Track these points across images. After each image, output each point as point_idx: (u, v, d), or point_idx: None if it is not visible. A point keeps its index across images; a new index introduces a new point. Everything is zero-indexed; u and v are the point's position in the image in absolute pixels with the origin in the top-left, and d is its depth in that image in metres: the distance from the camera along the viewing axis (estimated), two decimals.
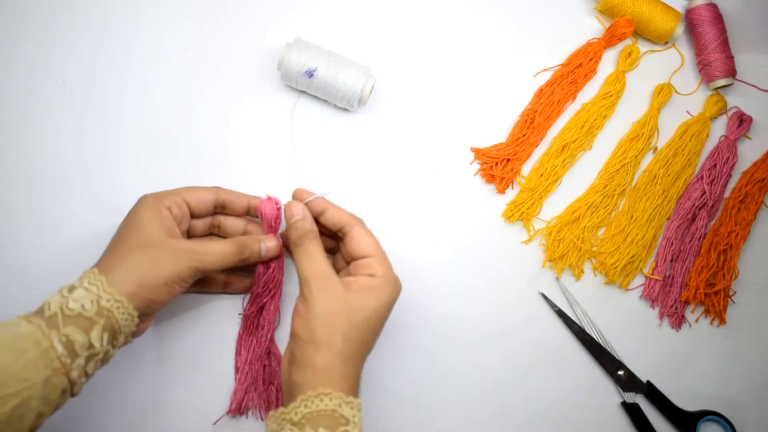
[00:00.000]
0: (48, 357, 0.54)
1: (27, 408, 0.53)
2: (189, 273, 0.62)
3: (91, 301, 0.57)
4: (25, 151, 0.74)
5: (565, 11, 0.82)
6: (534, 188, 0.78)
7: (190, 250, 0.62)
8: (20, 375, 0.52)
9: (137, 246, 0.61)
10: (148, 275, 0.59)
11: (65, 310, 0.56)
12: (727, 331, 0.77)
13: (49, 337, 0.54)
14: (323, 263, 0.62)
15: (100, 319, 0.57)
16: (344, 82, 0.73)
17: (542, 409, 0.74)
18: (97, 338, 0.56)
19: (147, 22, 0.78)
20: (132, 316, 0.59)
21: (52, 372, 0.54)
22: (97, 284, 0.57)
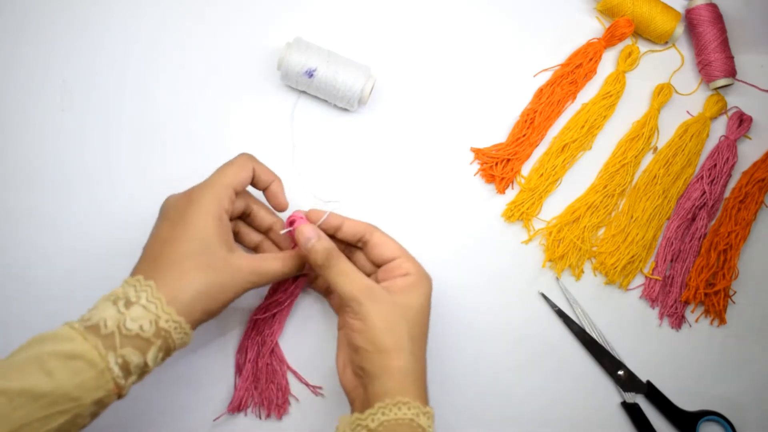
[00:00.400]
0: (103, 378, 0.53)
1: (73, 424, 0.52)
2: (247, 287, 0.61)
3: (150, 322, 0.55)
4: (25, 151, 0.74)
5: (565, 11, 0.82)
6: (534, 188, 0.78)
7: (251, 272, 0.61)
8: (73, 394, 0.52)
9: (202, 266, 0.58)
10: (209, 297, 0.58)
11: (122, 329, 0.54)
12: (727, 331, 0.77)
13: (106, 358, 0.53)
14: (361, 276, 0.62)
15: (158, 340, 0.55)
16: (344, 82, 0.73)
17: (542, 409, 0.74)
18: (153, 359, 0.55)
19: (147, 22, 0.78)
20: (188, 335, 0.57)
21: (105, 393, 0.53)
22: (155, 302, 0.55)
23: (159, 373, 0.69)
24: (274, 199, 0.67)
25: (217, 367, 0.71)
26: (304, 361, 0.72)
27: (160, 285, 0.56)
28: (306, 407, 0.71)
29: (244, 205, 0.67)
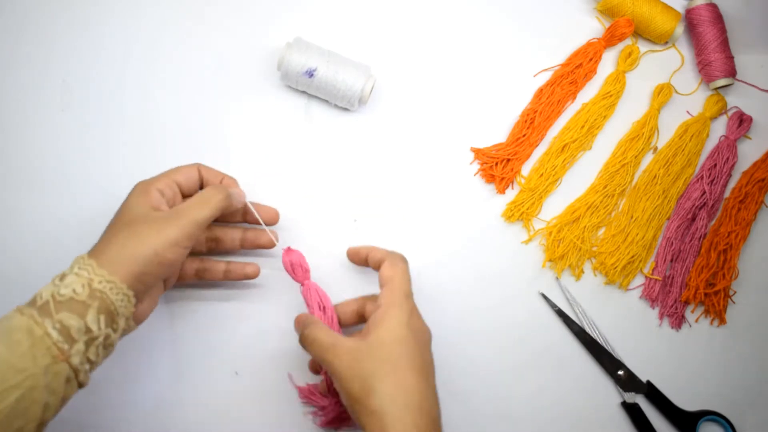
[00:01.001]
0: (44, 345, 0.53)
1: (31, 399, 0.52)
2: (182, 232, 0.60)
3: (83, 285, 0.56)
4: (25, 151, 0.74)
5: (565, 11, 0.82)
6: (534, 188, 0.78)
7: (172, 213, 0.61)
8: (18, 366, 0.52)
9: (123, 225, 0.60)
10: (136, 249, 0.58)
11: (57, 296, 0.55)
12: (727, 331, 0.77)
13: (42, 324, 0.54)
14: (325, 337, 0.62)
15: (94, 301, 0.56)
16: (344, 82, 0.73)
17: (542, 409, 0.74)
18: (93, 321, 0.56)
19: (147, 22, 0.78)
20: (127, 296, 0.58)
21: (51, 360, 0.53)
22: (87, 268, 0.57)
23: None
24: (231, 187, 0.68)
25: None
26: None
27: (92, 255, 0.58)
28: None
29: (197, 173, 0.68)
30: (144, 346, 0.70)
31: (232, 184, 0.69)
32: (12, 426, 0.52)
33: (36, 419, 0.53)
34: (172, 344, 0.71)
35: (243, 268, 0.70)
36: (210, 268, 0.69)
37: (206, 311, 0.72)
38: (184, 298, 0.72)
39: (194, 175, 0.67)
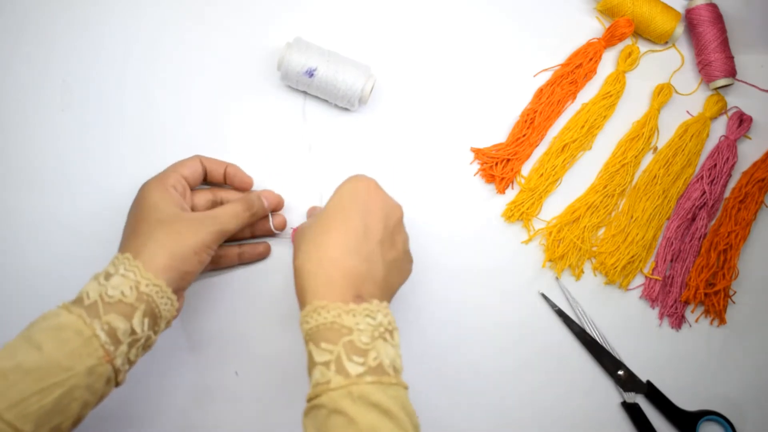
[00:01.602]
0: (92, 346, 0.54)
1: (72, 397, 0.53)
2: (213, 238, 0.63)
3: (130, 287, 0.57)
4: (25, 151, 0.74)
5: (565, 11, 0.82)
6: (534, 188, 0.78)
7: (208, 216, 0.64)
8: (64, 364, 0.53)
9: (157, 224, 0.61)
10: (177, 247, 0.60)
11: (105, 297, 0.56)
12: (727, 331, 0.77)
13: (91, 325, 0.55)
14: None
15: (141, 304, 0.57)
16: (344, 82, 0.73)
17: (542, 409, 0.74)
18: (139, 324, 0.57)
19: (147, 22, 0.78)
20: (171, 300, 0.59)
21: (96, 361, 0.54)
22: (133, 270, 0.58)
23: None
24: (236, 178, 0.72)
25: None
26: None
27: (137, 257, 0.59)
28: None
29: (200, 165, 0.69)
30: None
31: (237, 172, 0.71)
32: (51, 422, 0.52)
33: (73, 416, 0.54)
34: (172, 344, 0.71)
35: (255, 248, 0.72)
36: (225, 254, 0.71)
37: (206, 311, 0.72)
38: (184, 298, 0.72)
39: (198, 167, 0.69)
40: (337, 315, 0.54)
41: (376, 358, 0.53)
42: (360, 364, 0.53)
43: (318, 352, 0.54)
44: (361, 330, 0.54)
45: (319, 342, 0.54)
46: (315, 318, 0.55)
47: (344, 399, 0.51)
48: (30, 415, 0.51)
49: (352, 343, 0.53)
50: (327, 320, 0.54)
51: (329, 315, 0.54)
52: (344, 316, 0.54)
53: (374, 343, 0.54)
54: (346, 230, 0.58)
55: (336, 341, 0.53)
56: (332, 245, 0.57)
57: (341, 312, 0.54)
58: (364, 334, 0.54)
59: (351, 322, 0.54)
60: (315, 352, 0.54)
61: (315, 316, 0.55)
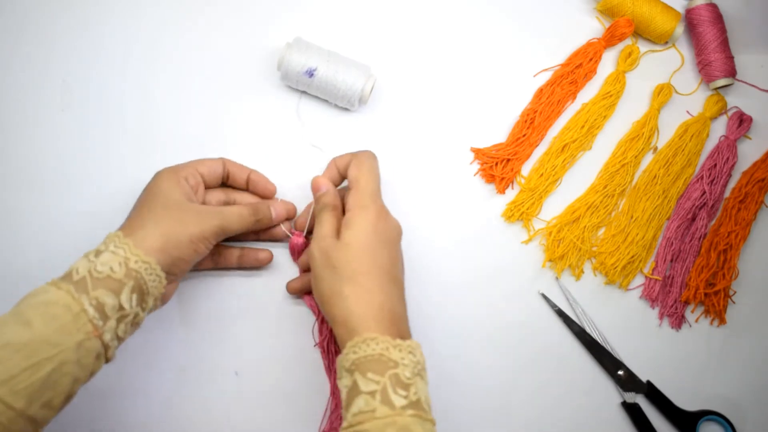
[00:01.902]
0: (80, 321, 0.55)
1: (62, 373, 0.53)
2: (212, 231, 0.63)
3: (119, 263, 0.57)
4: (25, 151, 0.74)
5: (565, 11, 0.82)
6: (534, 188, 0.78)
7: (212, 210, 0.65)
8: (53, 340, 0.53)
9: (160, 208, 0.62)
10: (174, 232, 0.61)
11: (94, 273, 0.57)
12: (727, 331, 0.77)
13: (79, 300, 0.55)
14: (327, 228, 0.64)
15: (129, 280, 0.57)
16: (344, 82, 0.73)
17: (542, 409, 0.74)
18: (127, 300, 0.57)
19: (147, 22, 0.78)
20: (160, 278, 0.59)
21: (84, 336, 0.55)
22: (123, 247, 0.58)
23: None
24: (258, 185, 0.72)
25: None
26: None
27: (127, 233, 0.60)
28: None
29: (221, 168, 0.70)
30: (144, 346, 0.70)
31: (260, 179, 0.72)
32: (42, 397, 0.53)
33: (65, 392, 0.54)
34: (172, 344, 0.71)
35: (256, 254, 0.72)
36: (224, 254, 0.71)
37: (206, 311, 0.72)
38: (183, 298, 0.72)
39: (218, 169, 0.70)
40: (385, 348, 0.57)
41: (416, 393, 0.56)
42: (403, 397, 0.55)
43: (364, 381, 0.55)
44: (405, 365, 0.57)
45: (366, 372, 0.56)
46: (363, 349, 0.57)
47: (389, 428, 0.54)
48: (21, 391, 0.51)
49: (397, 377, 0.56)
50: (375, 352, 0.57)
51: (378, 347, 0.57)
52: (391, 350, 0.57)
53: (414, 378, 0.57)
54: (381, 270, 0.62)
55: (383, 373, 0.56)
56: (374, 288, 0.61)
57: (389, 345, 0.57)
58: (408, 369, 0.57)
59: (397, 357, 0.57)
60: (361, 381, 0.56)
61: (364, 347, 0.57)
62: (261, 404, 0.71)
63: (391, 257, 0.63)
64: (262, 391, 0.71)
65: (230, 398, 0.71)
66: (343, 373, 0.58)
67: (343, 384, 0.57)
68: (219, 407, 0.71)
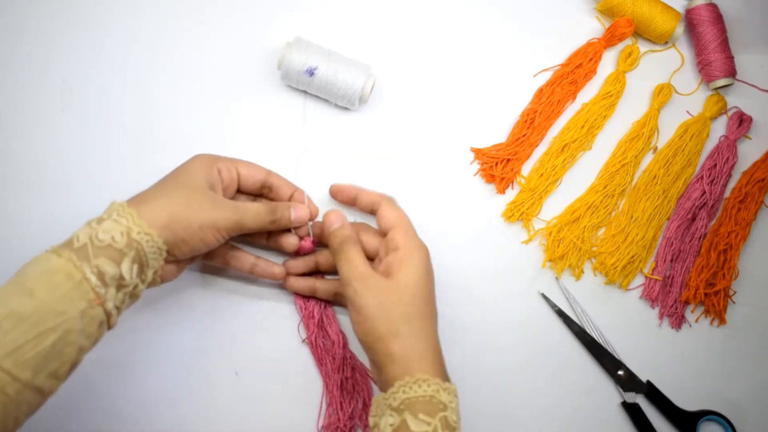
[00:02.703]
0: (82, 289, 0.54)
1: (67, 341, 0.53)
2: (225, 223, 0.62)
3: (121, 233, 0.57)
4: (25, 151, 0.74)
5: (565, 11, 0.82)
6: (534, 188, 0.78)
7: (229, 203, 0.63)
8: (57, 309, 0.53)
9: (179, 186, 0.62)
10: (182, 213, 0.60)
11: (95, 241, 0.56)
12: (727, 331, 0.77)
13: (81, 268, 0.55)
14: (362, 264, 0.63)
15: (130, 251, 0.57)
16: (345, 81, 0.73)
17: (542, 409, 0.74)
18: (127, 270, 0.57)
19: (147, 22, 0.78)
20: (160, 250, 0.59)
21: (87, 304, 0.54)
22: (126, 217, 0.58)
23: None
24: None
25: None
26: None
27: (132, 204, 0.59)
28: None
29: (264, 177, 0.69)
30: (144, 346, 0.70)
31: (300, 197, 0.70)
32: (48, 367, 0.53)
33: (70, 361, 0.54)
34: (173, 344, 0.71)
35: (271, 267, 0.71)
36: (239, 257, 0.70)
37: (206, 311, 0.72)
38: (183, 298, 0.72)
39: (259, 175, 0.69)
40: (436, 390, 0.57)
41: None
42: None
43: (415, 422, 0.56)
44: (453, 408, 0.58)
45: (417, 413, 0.56)
46: (415, 390, 0.57)
47: None
48: (27, 362, 0.51)
49: (446, 420, 0.57)
50: (427, 393, 0.57)
51: (429, 389, 0.57)
52: (441, 393, 0.58)
53: (459, 422, 0.58)
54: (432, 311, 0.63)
55: (433, 415, 0.56)
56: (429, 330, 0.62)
57: (440, 388, 0.58)
58: (454, 413, 0.58)
59: (446, 399, 0.58)
60: (412, 422, 0.56)
61: (416, 387, 0.57)
62: (261, 404, 0.71)
63: (433, 299, 0.64)
64: (262, 391, 0.71)
65: (230, 398, 0.71)
66: (389, 411, 0.57)
67: (387, 423, 0.57)
68: (219, 407, 0.71)
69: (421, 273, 0.63)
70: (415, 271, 0.62)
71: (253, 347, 0.72)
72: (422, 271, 0.63)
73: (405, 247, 0.64)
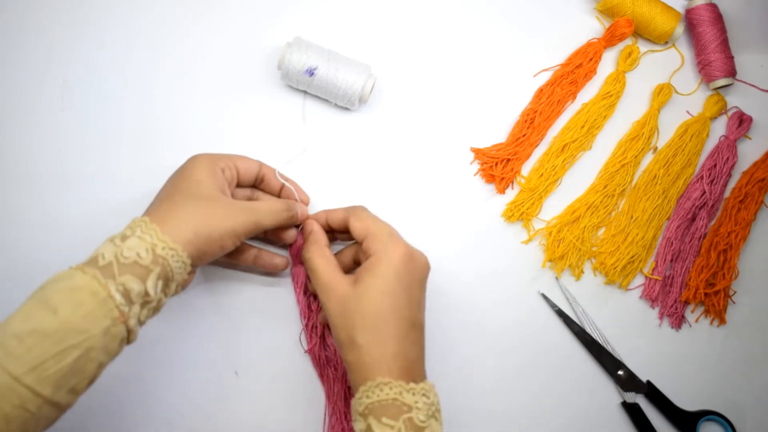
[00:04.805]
0: (107, 307, 0.54)
1: (88, 359, 0.53)
2: (245, 228, 0.62)
3: (146, 249, 0.57)
4: (25, 150, 0.74)
5: (565, 11, 0.82)
6: (534, 188, 0.78)
7: (246, 206, 0.63)
8: (80, 326, 0.53)
9: (193, 198, 0.61)
10: (205, 226, 0.60)
11: (120, 258, 0.56)
12: (727, 331, 0.77)
13: (106, 286, 0.54)
14: (324, 273, 0.63)
15: (156, 267, 0.57)
16: (345, 81, 0.73)
17: (542, 409, 0.74)
18: (153, 286, 0.57)
19: (147, 22, 0.78)
20: (185, 264, 0.59)
21: (111, 322, 0.54)
22: (150, 233, 0.57)
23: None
24: (292, 195, 0.71)
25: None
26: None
27: (155, 219, 0.59)
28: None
29: (257, 169, 0.69)
30: (144, 346, 0.70)
31: (296, 188, 0.71)
32: (68, 383, 0.53)
33: (89, 377, 0.54)
34: (173, 344, 0.71)
35: (272, 257, 0.71)
36: (242, 249, 0.70)
37: (206, 311, 0.72)
38: (183, 298, 0.72)
39: (254, 169, 0.69)
40: (399, 393, 0.57)
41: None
42: None
43: (379, 426, 0.56)
44: (419, 408, 0.57)
45: (381, 417, 0.56)
46: (377, 393, 0.57)
47: None
48: (48, 378, 0.51)
49: (411, 421, 0.56)
50: (389, 396, 0.57)
51: (391, 392, 0.57)
52: (405, 394, 0.57)
53: (429, 421, 0.57)
54: (401, 318, 0.61)
55: (397, 417, 0.56)
56: (390, 338, 0.60)
57: (402, 390, 0.57)
58: (422, 413, 0.57)
59: (411, 401, 0.57)
60: (376, 426, 0.56)
61: (377, 391, 0.57)
62: (261, 404, 0.71)
63: (411, 301, 0.62)
64: (262, 391, 0.71)
65: (230, 398, 0.71)
66: (357, 416, 0.58)
67: (358, 428, 0.57)
68: (219, 407, 0.71)
69: (389, 279, 0.61)
70: (381, 278, 0.61)
71: (253, 347, 0.72)
72: (391, 277, 0.61)
73: (375, 254, 0.63)
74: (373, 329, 0.60)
